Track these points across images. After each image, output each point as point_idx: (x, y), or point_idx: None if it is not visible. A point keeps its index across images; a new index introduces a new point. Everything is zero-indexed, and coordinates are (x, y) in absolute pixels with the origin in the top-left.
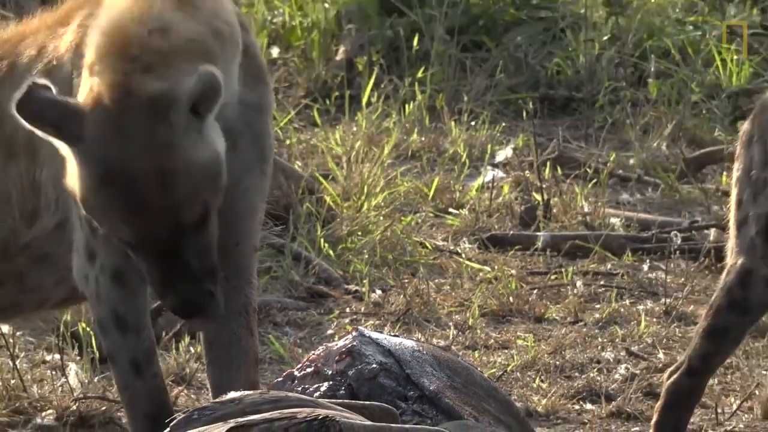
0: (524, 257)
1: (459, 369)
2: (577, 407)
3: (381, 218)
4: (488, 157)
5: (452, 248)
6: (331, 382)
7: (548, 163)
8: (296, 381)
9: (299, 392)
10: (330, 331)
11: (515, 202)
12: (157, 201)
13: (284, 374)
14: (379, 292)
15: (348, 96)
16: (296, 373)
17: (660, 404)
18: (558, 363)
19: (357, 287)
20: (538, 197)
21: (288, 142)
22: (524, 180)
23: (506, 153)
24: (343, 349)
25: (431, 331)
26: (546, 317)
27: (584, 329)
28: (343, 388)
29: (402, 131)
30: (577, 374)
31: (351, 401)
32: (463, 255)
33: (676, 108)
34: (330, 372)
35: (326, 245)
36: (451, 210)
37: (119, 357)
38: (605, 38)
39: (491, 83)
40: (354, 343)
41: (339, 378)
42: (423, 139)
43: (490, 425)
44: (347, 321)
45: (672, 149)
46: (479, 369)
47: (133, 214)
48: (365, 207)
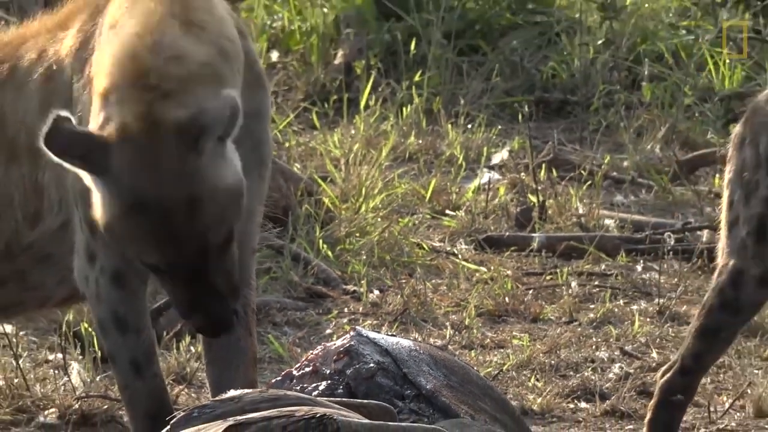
0: (520, 258)
1: (455, 368)
2: (572, 406)
3: (379, 220)
4: (484, 160)
5: (449, 249)
6: (330, 381)
7: (543, 166)
8: (295, 380)
9: (298, 391)
10: (328, 331)
11: (511, 204)
12: (187, 227)
13: (283, 373)
14: (377, 293)
15: (346, 99)
16: (295, 373)
17: (653, 402)
18: (553, 362)
19: (355, 287)
20: (534, 199)
21: (287, 145)
22: (520, 182)
23: (502, 155)
24: (341, 349)
25: (428, 331)
26: (541, 317)
27: (579, 329)
28: (341, 387)
29: (399, 134)
30: (572, 373)
31: (349, 400)
32: (460, 256)
33: (670, 111)
34: (328, 371)
35: (325, 246)
36: (448, 211)
37: (119, 357)
38: (600, 42)
39: (487, 87)
40: (352, 343)
41: (337, 377)
42: (420, 142)
43: (486, 423)
44: (345, 321)
45: (665, 152)
46: (475, 368)
47: (163, 241)
48: (363, 208)
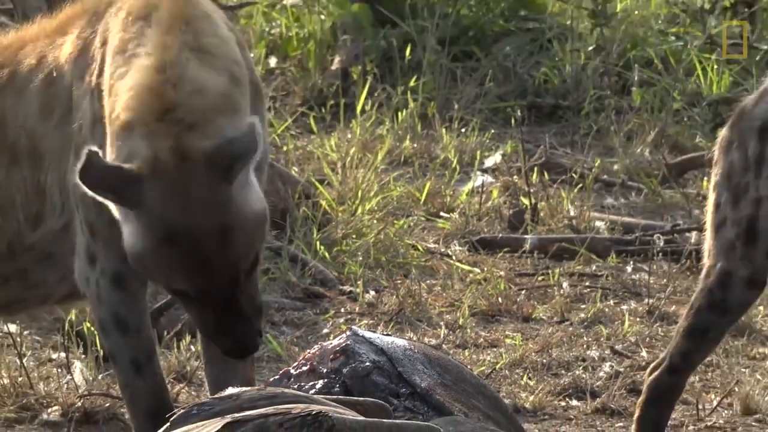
0: (512, 259)
1: (449, 367)
2: (564, 404)
3: (375, 222)
4: (478, 163)
5: (443, 250)
6: (326, 380)
7: (536, 169)
8: (292, 378)
9: (295, 389)
10: (325, 331)
11: (504, 206)
12: (218, 256)
13: (281, 372)
14: (373, 293)
15: (343, 104)
16: (292, 371)
17: (642, 400)
18: (545, 361)
19: (351, 288)
20: (526, 201)
21: (285, 149)
22: (512, 185)
23: (495, 159)
24: (338, 348)
25: (423, 331)
26: (533, 317)
27: (570, 328)
28: (338, 386)
29: (395, 138)
30: (564, 372)
31: (346, 398)
32: (454, 257)
33: (659, 115)
34: (325, 370)
35: (322, 248)
36: (442, 214)
37: (120, 357)
38: (590, 48)
39: (481, 92)
40: (348, 342)
41: (334, 376)
42: (415, 146)
43: (480, 421)
44: (342, 321)
45: (655, 155)
46: (469, 367)
47: (194, 270)
48: (359, 211)
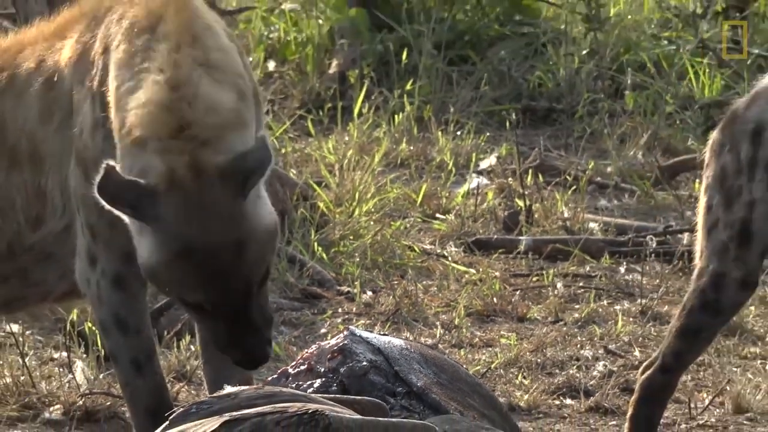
0: (507, 260)
1: (445, 366)
2: (558, 402)
3: (372, 223)
4: (473, 165)
5: (439, 252)
6: (324, 379)
7: (530, 171)
8: (290, 378)
9: (293, 388)
10: (323, 331)
11: (499, 208)
12: (233, 269)
13: (279, 371)
14: (370, 293)
15: (340, 107)
16: (290, 371)
17: (634, 398)
18: (539, 360)
19: (349, 288)
20: (521, 203)
21: (283, 151)
22: (507, 187)
23: (490, 161)
24: (335, 348)
25: (419, 330)
26: (528, 317)
27: (564, 328)
28: (335, 385)
29: (391, 141)
30: (558, 371)
31: (343, 396)
32: (450, 258)
33: (652, 119)
34: (323, 369)
35: (320, 249)
36: (438, 215)
37: (121, 356)
38: (584, 52)
39: (476, 95)
40: (345, 342)
41: (331, 375)
42: (411, 148)
43: (475, 419)
44: (339, 321)
45: (647, 158)
46: (464, 366)
47: (209, 283)
48: (357, 212)
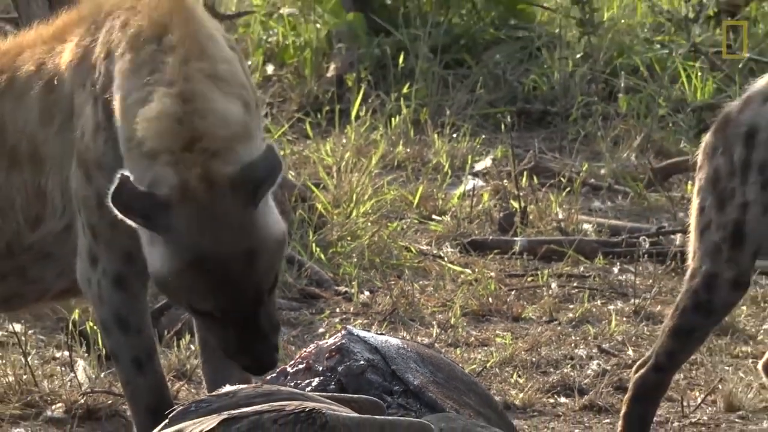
0: (503, 261)
1: (441, 365)
2: (552, 401)
3: (369, 224)
4: (469, 167)
5: (435, 252)
6: (322, 378)
7: (525, 173)
8: (289, 376)
9: (292, 387)
10: (321, 330)
11: (494, 209)
12: (244, 277)
13: (278, 370)
14: (367, 293)
15: (338, 110)
16: (289, 369)
17: (628, 397)
18: (534, 359)
19: (346, 289)
20: (516, 204)
21: (282, 154)
22: (503, 188)
23: (486, 163)
24: (333, 347)
25: (416, 330)
26: (523, 317)
27: (559, 328)
28: (333, 384)
29: (388, 143)
30: (552, 370)
31: (341, 395)
32: (446, 258)
33: (645, 121)
34: (321, 368)
35: (318, 249)
36: (435, 216)
37: (122, 356)
38: (578, 56)
39: (472, 98)
40: (343, 341)
41: (329, 374)
42: (408, 151)
43: (471, 418)
44: (337, 320)
45: (640, 160)
46: (460, 365)
47: (220, 291)
48: (354, 214)
